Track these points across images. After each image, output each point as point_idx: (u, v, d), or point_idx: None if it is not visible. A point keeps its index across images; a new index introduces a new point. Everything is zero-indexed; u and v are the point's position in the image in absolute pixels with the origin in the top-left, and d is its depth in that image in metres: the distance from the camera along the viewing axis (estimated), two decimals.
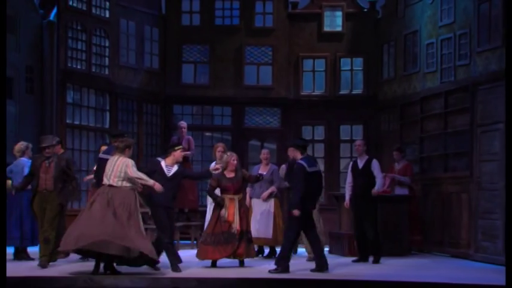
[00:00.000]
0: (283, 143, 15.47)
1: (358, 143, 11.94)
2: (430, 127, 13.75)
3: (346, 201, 11.83)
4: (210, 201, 11.24)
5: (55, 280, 9.05)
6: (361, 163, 11.66)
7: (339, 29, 16.37)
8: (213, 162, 11.79)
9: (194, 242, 13.33)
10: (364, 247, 11.48)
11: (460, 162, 12.73)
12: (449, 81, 13.13)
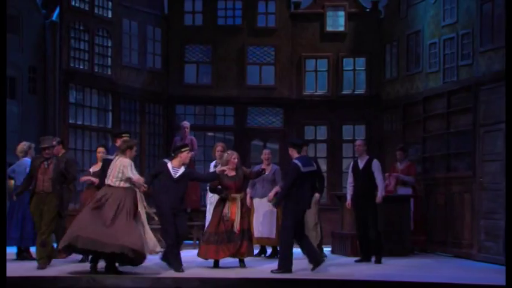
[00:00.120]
0: (286, 143, 15.41)
1: (358, 143, 11.92)
2: (433, 127, 13.74)
3: (348, 201, 11.81)
4: (210, 201, 11.23)
5: (58, 280, 9.06)
6: (361, 163, 11.63)
7: (342, 29, 16.36)
8: (213, 162, 11.78)
9: (196, 242, 13.32)
10: (366, 247, 11.46)
11: (462, 162, 12.71)
12: (452, 81, 13.12)
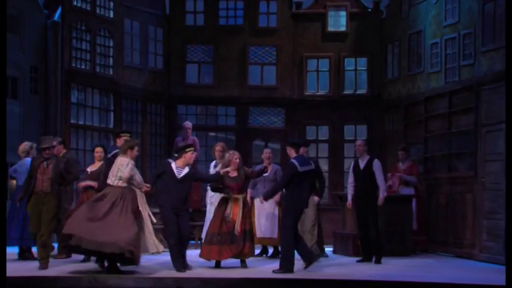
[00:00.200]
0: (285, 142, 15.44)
1: (359, 143, 11.90)
2: (434, 127, 13.73)
3: (349, 202, 11.81)
4: (210, 201, 11.21)
5: (59, 280, 9.07)
6: (362, 163, 11.62)
7: (343, 29, 16.35)
8: (213, 162, 11.78)
9: (198, 242, 13.32)
10: (368, 247, 11.45)
11: (464, 162, 12.70)
12: (453, 81, 13.11)
